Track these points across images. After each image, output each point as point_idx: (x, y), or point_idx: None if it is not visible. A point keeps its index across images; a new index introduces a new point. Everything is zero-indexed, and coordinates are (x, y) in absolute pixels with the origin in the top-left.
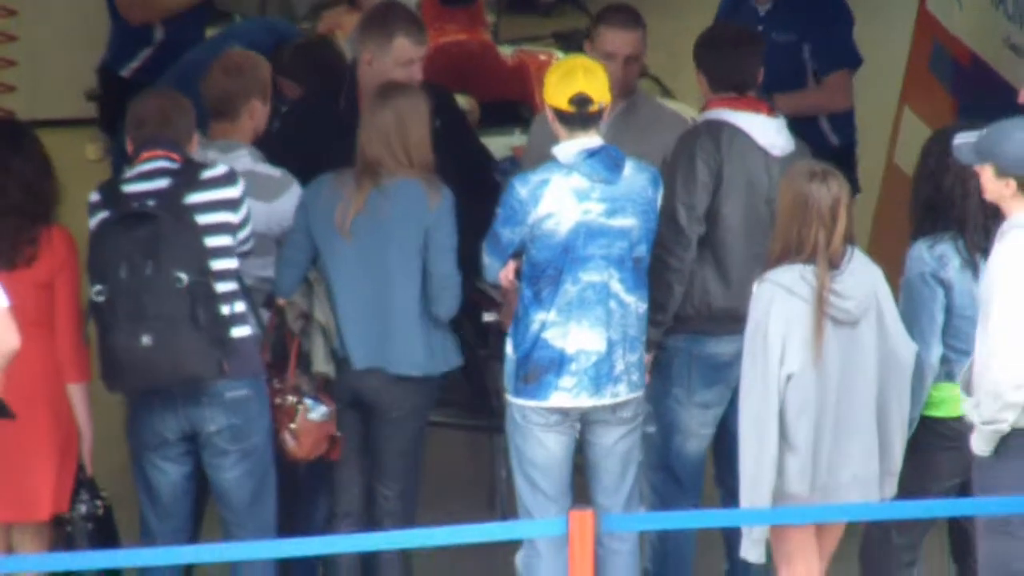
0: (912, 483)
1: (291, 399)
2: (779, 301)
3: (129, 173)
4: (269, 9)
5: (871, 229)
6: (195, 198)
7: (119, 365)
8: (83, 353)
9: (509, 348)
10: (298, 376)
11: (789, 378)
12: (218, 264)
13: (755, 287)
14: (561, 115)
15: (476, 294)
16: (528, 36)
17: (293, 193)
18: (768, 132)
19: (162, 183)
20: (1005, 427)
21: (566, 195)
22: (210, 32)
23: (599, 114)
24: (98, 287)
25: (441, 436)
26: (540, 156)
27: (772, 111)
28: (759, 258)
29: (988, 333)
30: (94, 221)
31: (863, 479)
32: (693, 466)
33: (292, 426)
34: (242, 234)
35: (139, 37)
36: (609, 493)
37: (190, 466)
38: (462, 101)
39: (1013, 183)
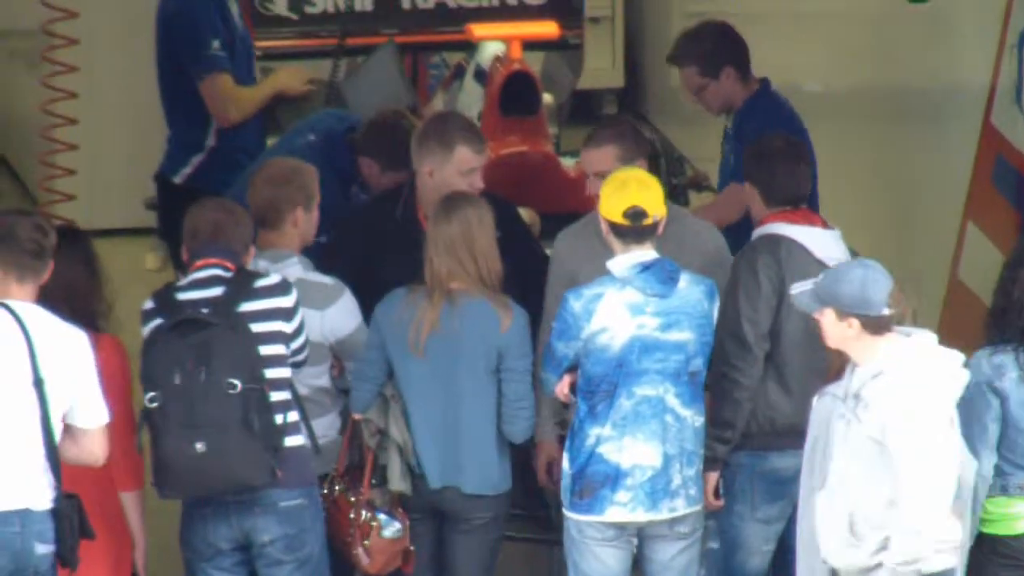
0: None
1: (365, 515)
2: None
3: (183, 281)
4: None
5: None
6: (249, 306)
7: (172, 471)
8: (136, 461)
9: (565, 463)
10: (372, 490)
11: None
12: (272, 373)
13: (815, 401)
14: (616, 228)
15: None
16: None
17: (345, 301)
18: (826, 244)
19: (216, 291)
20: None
21: (620, 309)
22: (270, 141)
23: (654, 227)
24: (151, 393)
25: (502, 549)
26: (564, 271)
27: (826, 224)
28: (819, 372)
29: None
30: (147, 328)
31: None
32: None
33: (366, 543)
34: (296, 343)
35: (191, 143)
36: None
37: None
38: (523, 213)
39: (856, 323)
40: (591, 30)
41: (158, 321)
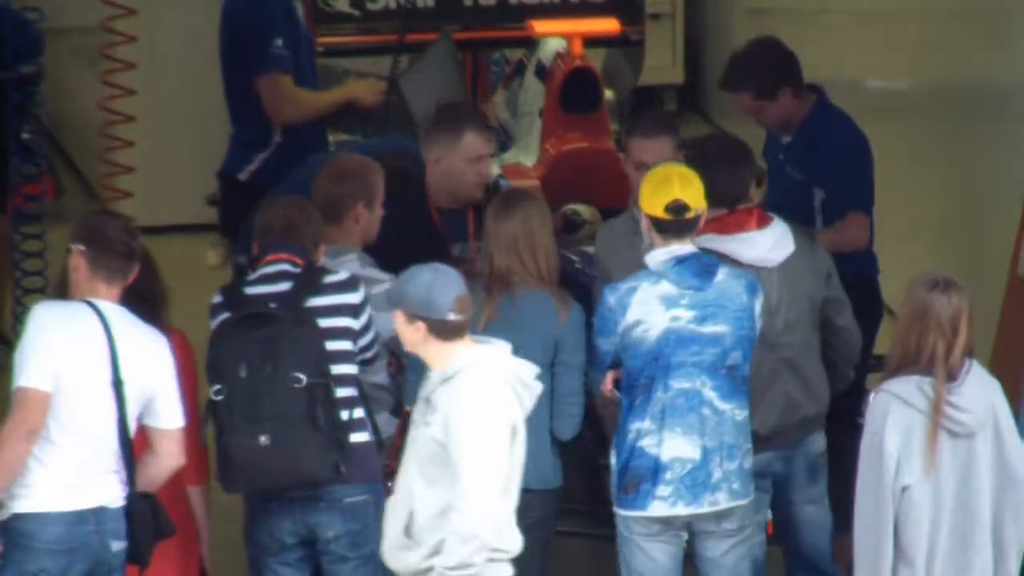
0: None
1: None
2: (895, 412)
3: (252, 276)
4: (390, 126)
5: (993, 343)
6: (316, 302)
7: (236, 465)
8: (202, 456)
9: (612, 459)
10: None
11: (904, 490)
12: (338, 369)
13: (872, 397)
14: (657, 223)
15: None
16: None
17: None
18: (756, 248)
19: (284, 286)
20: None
21: (654, 302)
22: (333, 137)
23: (695, 221)
24: (217, 386)
25: (563, 545)
26: (601, 269)
27: (763, 220)
28: (775, 373)
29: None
30: (215, 322)
31: None
32: None
33: None
34: (363, 340)
35: (257, 141)
36: None
37: (308, 572)
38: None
39: (423, 326)
40: (652, 27)
41: (225, 315)
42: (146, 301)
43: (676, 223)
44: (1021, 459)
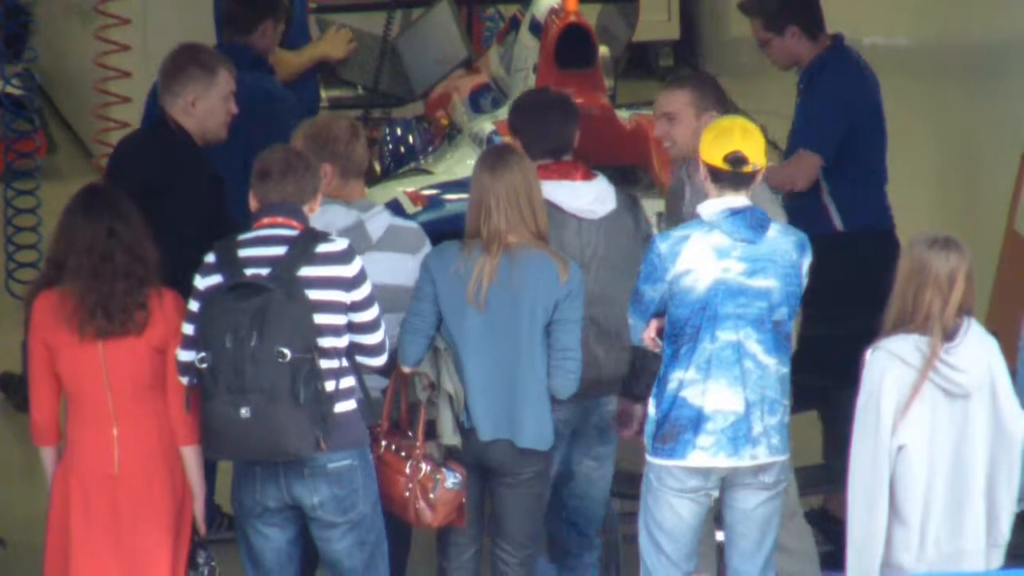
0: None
1: (426, 468)
2: (893, 371)
3: (246, 236)
4: (383, 81)
5: (990, 297)
6: (308, 271)
7: (216, 434)
8: (196, 415)
9: (651, 408)
10: (428, 444)
11: (900, 449)
12: (325, 342)
13: (868, 355)
14: (714, 172)
15: None
16: (646, 100)
17: (429, 246)
18: (580, 198)
19: (278, 250)
20: None
21: (706, 252)
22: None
23: (752, 175)
24: (202, 354)
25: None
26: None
27: (589, 174)
28: (593, 321)
29: None
30: (204, 282)
31: (972, 553)
32: None
33: (431, 497)
34: (359, 317)
35: None
36: (745, 558)
37: (294, 531)
38: None
39: None
40: None
41: (217, 278)
42: (140, 260)
43: (734, 175)
44: (1017, 420)
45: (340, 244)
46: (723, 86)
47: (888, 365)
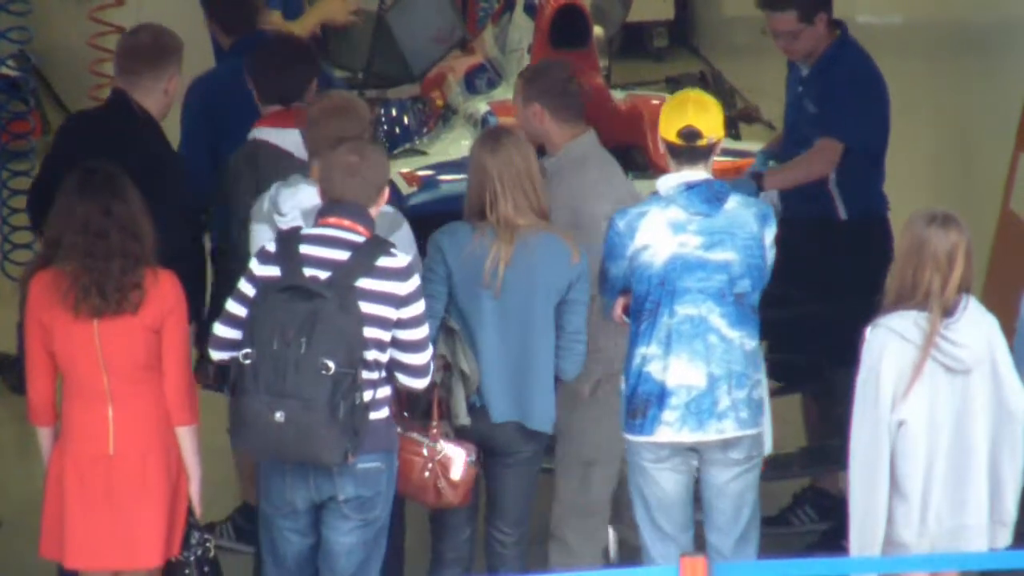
0: None
1: (445, 448)
2: (892, 347)
3: (310, 232)
4: (377, 64)
5: (985, 276)
6: (365, 283)
7: (249, 431)
8: (193, 396)
9: (621, 385)
10: (443, 424)
11: (900, 425)
12: (370, 355)
13: (868, 331)
14: (671, 147)
15: None
16: (641, 80)
17: (406, 229)
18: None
19: (340, 255)
20: None
21: (662, 227)
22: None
23: (708, 149)
24: (247, 350)
25: (544, 480)
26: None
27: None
28: None
29: None
30: (261, 270)
31: (974, 528)
32: None
33: (452, 477)
34: (404, 335)
35: None
36: (721, 533)
37: (314, 539)
38: None
39: None
40: None
41: (274, 269)
42: (136, 239)
43: (688, 149)
44: (1018, 395)
45: (401, 260)
46: (716, 66)
47: (887, 341)
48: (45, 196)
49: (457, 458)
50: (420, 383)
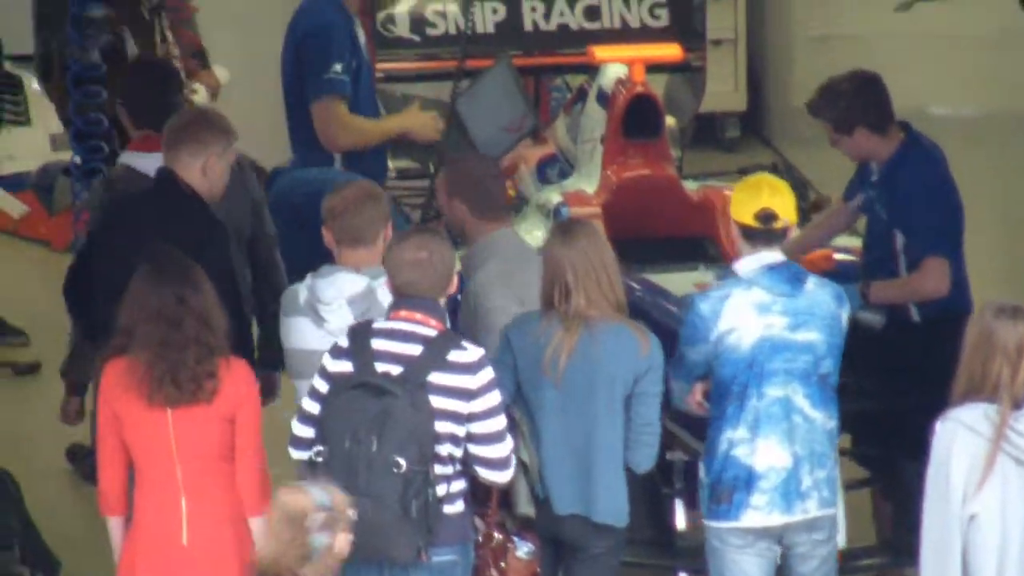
0: None
1: (499, 537)
2: (962, 440)
3: (382, 324)
4: (448, 154)
5: None
6: (436, 378)
7: None
8: (266, 486)
9: (702, 473)
10: (501, 513)
11: (972, 519)
12: (443, 449)
13: (938, 425)
14: (746, 230)
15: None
16: (713, 171)
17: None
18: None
19: (413, 349)
20: None
21: (747, 309)
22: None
23: (784, 231)
24: (320, 448)
25: (626, 574)
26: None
27: None
28: None
29: None
30: (334, 366)
31: None
32: None
33: (502, 565)
34: (478, 428)
35: (317, 167)
36: None
37: None
38: None
39: None
40: (713, 53)
41: (346, 365)
42: (210, 329)
43: (765, 231)
44: None
45: (472, 354)
46: (788, 157)
47: (957, 435)
48: (84, 279)
49: (508, 548)
50: (503, 476)
